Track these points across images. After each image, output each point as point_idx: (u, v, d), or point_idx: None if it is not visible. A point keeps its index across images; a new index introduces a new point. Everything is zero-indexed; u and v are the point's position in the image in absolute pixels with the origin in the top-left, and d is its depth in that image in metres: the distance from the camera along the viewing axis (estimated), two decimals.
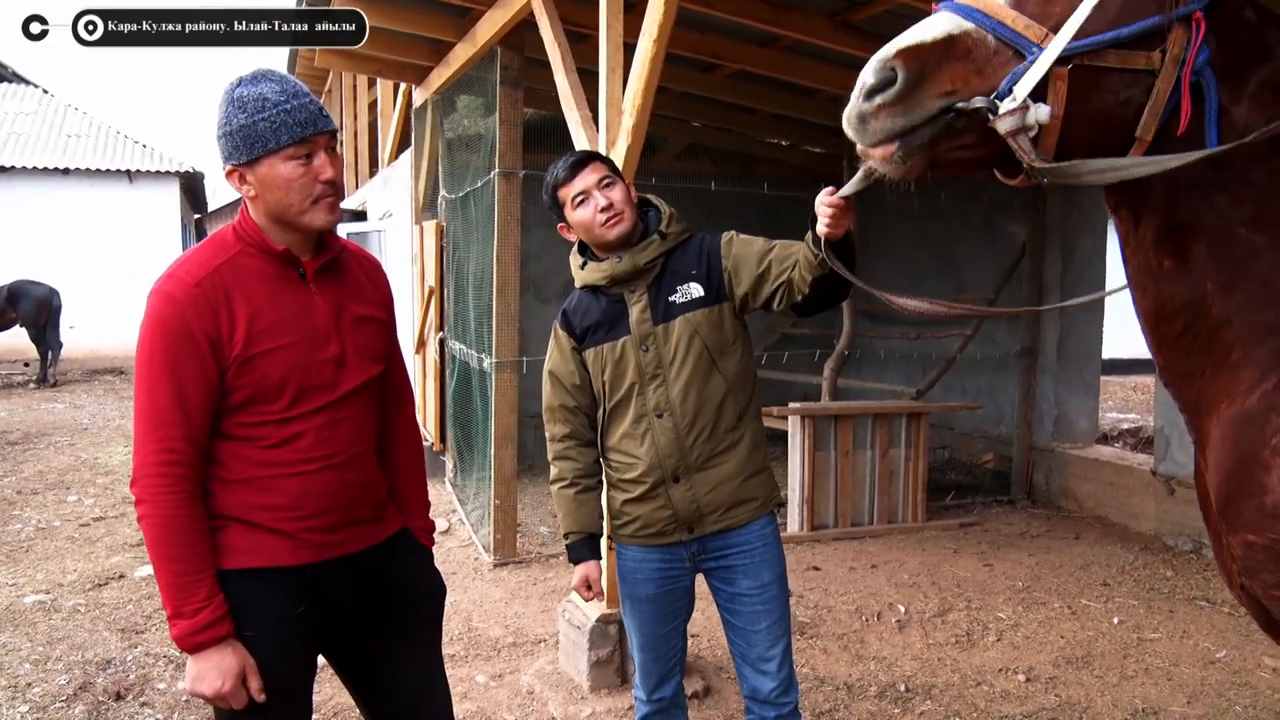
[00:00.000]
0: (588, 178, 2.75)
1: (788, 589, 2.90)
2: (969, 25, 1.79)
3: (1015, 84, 1.73)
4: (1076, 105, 1.75)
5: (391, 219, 10.33)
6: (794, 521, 6.84)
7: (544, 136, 7.42)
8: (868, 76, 1.79)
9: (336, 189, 2.19)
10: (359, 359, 2.29)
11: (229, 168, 2.14)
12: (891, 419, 7.09)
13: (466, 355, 7.11)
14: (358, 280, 2.37)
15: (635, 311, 2.76)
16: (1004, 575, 6.14)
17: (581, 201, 2.74)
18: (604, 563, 3.18)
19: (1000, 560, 6.47)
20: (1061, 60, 1.72)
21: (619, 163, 4.14)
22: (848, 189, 2.16)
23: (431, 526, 2.64)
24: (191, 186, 24.16)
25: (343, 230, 11.19)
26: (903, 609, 5.46)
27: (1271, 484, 1.75)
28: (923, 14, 5.35)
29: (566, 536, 2.92)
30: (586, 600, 3.10)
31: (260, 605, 2.16)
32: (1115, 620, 5.35)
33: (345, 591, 2.29)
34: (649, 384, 2.75)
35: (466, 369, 7.25)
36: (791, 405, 6.93)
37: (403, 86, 9.55)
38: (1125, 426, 11.03)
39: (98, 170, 20.66)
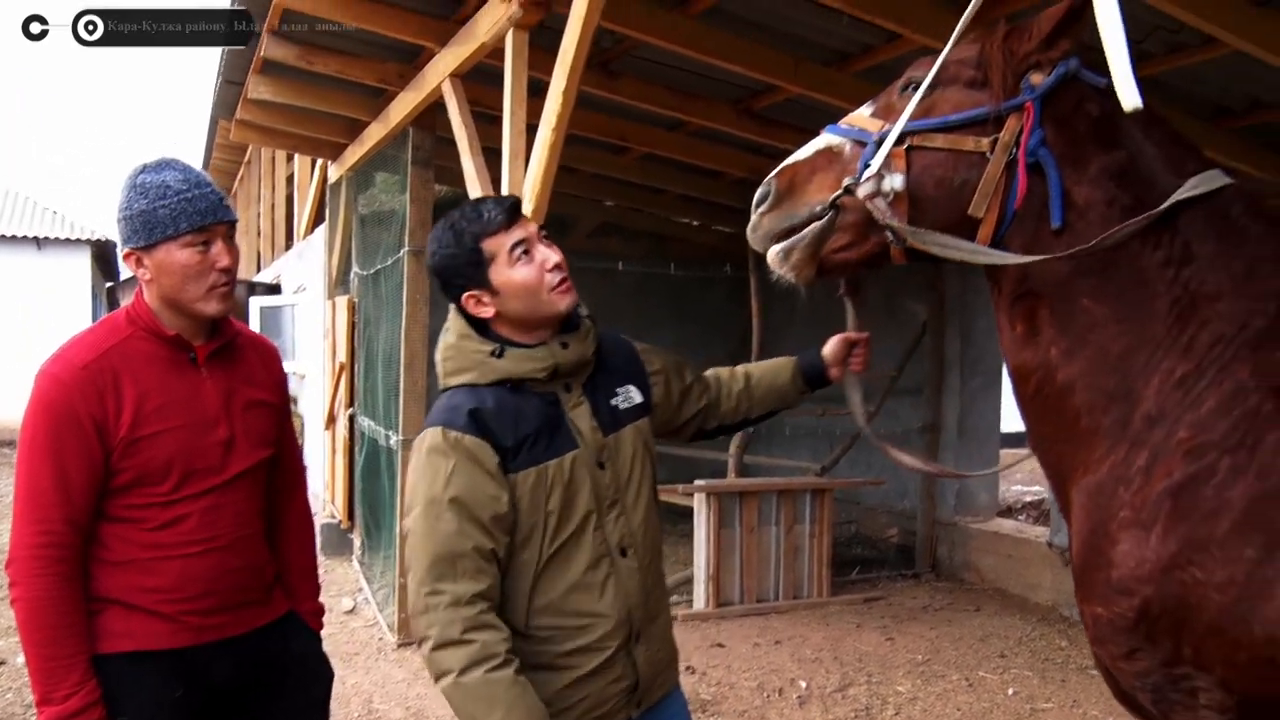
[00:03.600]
0: (528, 226, 2.07)
1: None
2: (835, 139, 2.15)
3: (869, 161, 2.03)
4: (919, 181, 2.02)
5: (305, 293, 10.30)
6: (699, 599, 6.88)
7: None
8: (756, 194, 2.17)
9: (232, 278, 2.24)
10: (248, 443, 2.31)
11: (127, 250, 2.18)
12: (796, 495, 7.21)
13: (375, 431, 7.10)
14: (251, 365, 2.41)
15: (582, 417, 2.08)
16: (905, 649, 6.24)
17: (523, 254, 2.01)
18: None
19: (902, 634, 6.58)
20: (900, 141, 2.02)
21: None
22: (851, 325, 2.49)
23: (321, 610, 2.64)
24: (103, 254, 23.76)
25: (256, 303, 11.16)
26: (804, 685, 5.52)
27: (1117, 558, 1.83)
28: (814, 103, 5.57)
29: None
30: None
31: (136, 689, 2.15)
32: (1010, 691, 5.47)
33: (226, 674, 2.29)
34: (609, 513, 2.08)
35: (375, 445, 7.22)
36: (697, 483, 7.01)
37: (319, 161, 9.61)
38: (1029, 499, 11.30)
39: (6, 237, 20.23)
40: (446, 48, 5.29)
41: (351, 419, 8.07)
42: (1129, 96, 1.71)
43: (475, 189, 4.87)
